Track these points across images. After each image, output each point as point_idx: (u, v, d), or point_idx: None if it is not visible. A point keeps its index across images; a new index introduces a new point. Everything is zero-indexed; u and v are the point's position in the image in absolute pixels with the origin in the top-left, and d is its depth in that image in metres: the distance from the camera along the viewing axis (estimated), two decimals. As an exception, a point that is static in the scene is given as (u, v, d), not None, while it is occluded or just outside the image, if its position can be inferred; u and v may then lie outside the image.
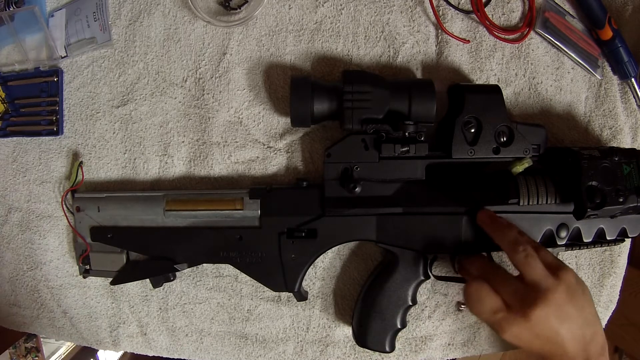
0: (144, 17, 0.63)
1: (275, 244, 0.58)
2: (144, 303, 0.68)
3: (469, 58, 0.63)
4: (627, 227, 0.57)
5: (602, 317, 0.69)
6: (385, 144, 0.55)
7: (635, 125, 0.65)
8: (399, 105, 0.55)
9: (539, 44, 0.63)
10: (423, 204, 0.57)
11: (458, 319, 0.67)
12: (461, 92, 0.56)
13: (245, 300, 0.67)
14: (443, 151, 0.57)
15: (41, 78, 0.65)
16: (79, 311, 0.69)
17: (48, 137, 0.65)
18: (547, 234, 0.57)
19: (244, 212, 0.59)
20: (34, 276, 0.69)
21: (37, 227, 0.68)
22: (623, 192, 0.53)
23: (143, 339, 0.69)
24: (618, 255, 0.67)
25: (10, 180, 0.68)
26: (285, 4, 0.62)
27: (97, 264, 0.63)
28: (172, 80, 0.64)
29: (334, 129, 0.63)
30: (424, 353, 0.67)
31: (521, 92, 0.64)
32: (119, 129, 0.65)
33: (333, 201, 0.57)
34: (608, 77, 0.64)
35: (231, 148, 0.64)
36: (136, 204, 0.60)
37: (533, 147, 0.56)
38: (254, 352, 0.68)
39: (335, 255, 0.65)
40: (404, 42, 0.62)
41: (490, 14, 0.62)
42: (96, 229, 0.61)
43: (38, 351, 1.60)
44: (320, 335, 0.67)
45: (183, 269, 0.62)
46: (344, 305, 0.66)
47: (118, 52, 0.64)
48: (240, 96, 0.63)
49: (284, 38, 0.63)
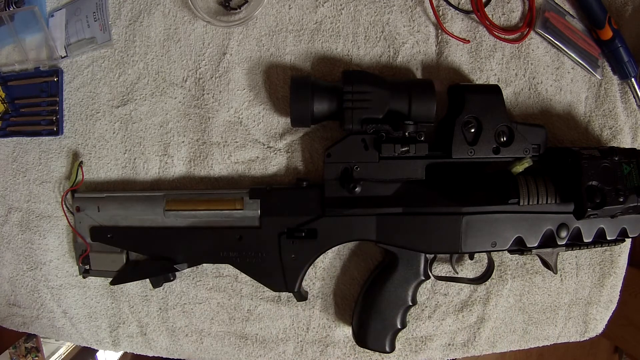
0: (144, 17, 0.63)
1: (275, 244, 0.58)
2: (144, 303, 0.68)
3: (469, 58, 0.63)
4: (627, 227, 0.57)
5: (602, 317, 0.69)
6: (385, 144, 0.55)
7: (635, 125, 0.65)
8: (399, 105, 0.55)
9: (539, 44, 0.63)
10: (423, 204, 0.57)
11: (458, 319, 0.67)
12: (461, 92, 0.56)
13: (245, 300, 0.67)
14: (443, 151, 0.57)
15: (41, 78, 0.65)
16: (79, 311, 0.69)
17: (48, 137, 0.65)
18: (547, 234, 0.57)
19: (244, 212, 0.59)
20: (34, 276, 0.69)
21: (37, 227, 0.68)
22: (623, 192, 0.53)
23: (143, 339, 0.69)
24: (618, 255, 0.67)
25: (10, 180, 0.68)
26: (285, 4, 0.62)
27: (97, 264, 0.63)
28: (172, 80, 0.64)
29: (334, 129, 0.63)
30: (424, 353, 0.67)
31: (521, 92, 0.64)
32: (119, 129, 0.65)
33: (333, 201, 0.57)
34: (608, 77, 0.64)
35: (231, 148, 0.64)
36: (136, 204, 0.60)
37: (533, 147, 0.56)
38: (254, 352, 0.68)
39: (335, 255, 0.65)
40: (404, 42, 0.62)
41: (490, 14, 0.62)
42: (96, 229, 0.61)
43: (38, 351, 1.60)
44: (320, 335, 0.67)
45: (183, 269, 0.62)
46: (344, 305, 0.66)
47: (118, 52, 0.64)
48: (240, 96, 0.63)
49: (284, 38, 0.63)
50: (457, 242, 0.57)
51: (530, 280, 0.66)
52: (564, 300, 0.67)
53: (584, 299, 0.68)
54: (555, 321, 0.68)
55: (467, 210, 0.56)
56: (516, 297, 0.66)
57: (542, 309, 0.67)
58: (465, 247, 0.57)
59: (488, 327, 0.67)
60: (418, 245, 0.57)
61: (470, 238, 0.57)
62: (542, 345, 0.69)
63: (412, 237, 0.57)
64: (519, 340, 0.68)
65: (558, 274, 0.66)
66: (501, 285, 0.66)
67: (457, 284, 0.65)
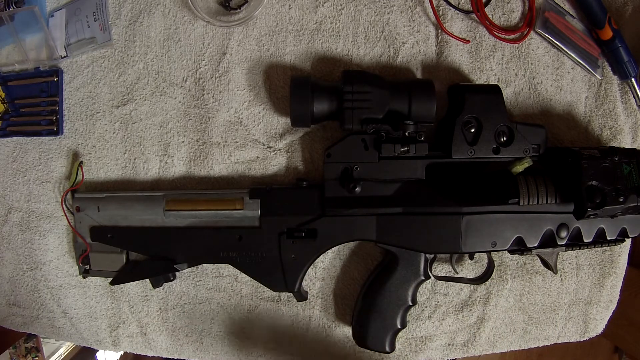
0: (144, 17, 0.63)
1: (275, 244, 0.58)
2: (144, 303, 0.68)
3: (469, 58, 0.63)
4: (627, 227, 0.57)
5: (602, 317, 0.69)
6: (385, 144, 0.55)
7: (635, 125, 0.65)
8: (399, 105, 0.55)
9: (539, 44, 0.63)
10: (423, 204, 0.57)
11: (458, 319, 0.67)
12: (461, 92, 0.56)
13: (245, 300, 0.67)
14: (443, 151, 0.57)
15: (41, 78, 0.65)
16: (79, 311, 0.69)
17: (48, 137, 0.65)
18: (547, 233, 0.57)
19: (244, 212, 0.59)
20: (34, 276, 0.69)
21: (37, 227, 0.68)
22: (623, 191, 0.53)
23: (143, 339, 0.69)
24: (618, 255, 0.67)
25: (10, 180, 0.68)
26: (285, 4, 0.62)
27: (97, 264, 0.63)
28: (172, 80, 0.64)
29: (334, 129, 0.63)
30: (424, 353, 0.67)
31: (521, 92, 0.64)
32: (119, 129, 0.65)
33: (333, 201, 0.57)
34: (608, 77, 0.64)
35: (231, 148, 0.64)
36: (136, 204, 0.60)
37: (533, 147, 0.56)
38: (254, 352, 0.68)
39: (335, 255, 0.65)
40: (404, 42, 0.62)
41: (490, 14, 0.62)
42: (96, 229, 0.61)
43: (38, 351, 1.60)
44: (320, 336, 0.67)
45: (183, 269, 0.62)
46: (344, 305, 0.66)
47: (118, 52, 0.64)
48: (240, 96, 0.63)
49: (284, 38, 0.63)
50: (457, 242, 0.57)
51: (530, 280, 0.66)
52: (564, 300, 0.67)
53: (584, 299, 0.68)
54: (555, 321, 0.68)
55: (467, 210, 0.56)
56: (516, 297, 0.66)
57: (542, 309, 0.67)
58: (465, 247, 0.57)
59: (488, 327, 0.67)
60: (418, 245, 0.57)
61: (470, 238, 0.57)
62: (542, 345, 0.69)
63: (412, 237, 0.57)
64: (519, 340, 0.68)
65: (558, 274, 0.66)
66: (501, 285, 0.66)
67: (457, 284, 0.65)
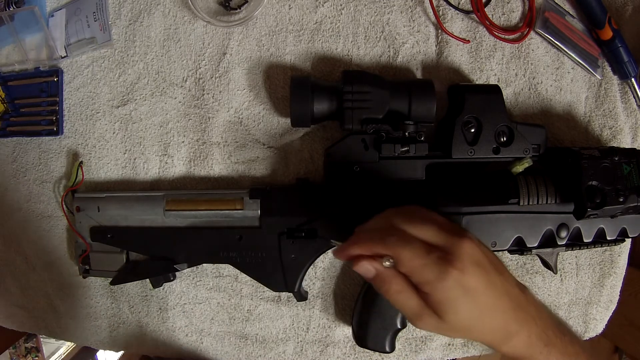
0: (144, 17, 0.63)
1: (275, 244, 0.58)
2: (143, 303, 0.68)
3: (469, 58, 0.63)
4: (627, 227, 0.57)
5: (602, 317, 0.69)
6: (385, 144, 0.55)
7: (635, 125, 0.65)
8: (399, 105, 0.55)
9: (539, 44, 0.63)
10: (423, 204, 0.57)
11: (458, 319, 0.66)
12: (461, 92, 0.56)
13: (245, 300, 0.67)
14: (443, 151, 0.57)
15: (41, 78, 0.65)
16: (79, 311, 0.69)
17: (48, 137, 0.65)
18: (547, 234, 0.57)
19: (244, 212, 0.59)
20: (34, 276, 0.69)
21: (37, 227, 0.68)
22: (623, 191, 0.53)
23: (143, 339, 0.69)
24: (618, 255, 0.67)
25: (10, 180, 0.68)
26: (285, 4, 0.62)
27: (97, 264, 0.62)
28: (172, 80, 0.64)
29: (334, 129, 0.63)
30: (424, 353, 0.67)
31: (521, 92, 0.64)
32: (119, 129, 0.65)
33: (333, 201, 0.57)
34: (608, 77, 0.64)
35: (231, 148, 0.64)
36: (136, 204, 0.60)
37: (533, 147, 0.56)
38: (254, 352, 0.68)
39: (335, 255, 0.65)
40: (404, 42, 0.62)
41: (490, 14, 0.62)
42: (96, 229, 0.61)
43: (38, 351, 1.60)
44: (320, 336, 0.67)
45: (183, 269, 0.62)
46: (344, 305, 0.66)
47: (118, 52, 0.64)
48: (240, 96, 0.63)
49: (284, 38, 0.63)
50: None
51: (530, 280, 0.66)
52: (564, 300, 0.67)
53: (583, 299, 0.68)
54: (555, 321, 0.68)
55: (467, 210, 0.56)
56: (516, 297, 0.66)
57: (542, 309, 0.67)
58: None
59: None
60: (418, 245, 0.57)
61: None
62: (542, 345, 0.69)
63: (412, 237, 0.57)
64: (519, 340, 0.68)
65: (558, 274, 0.66)
66: (501, 285, 0.66)
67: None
